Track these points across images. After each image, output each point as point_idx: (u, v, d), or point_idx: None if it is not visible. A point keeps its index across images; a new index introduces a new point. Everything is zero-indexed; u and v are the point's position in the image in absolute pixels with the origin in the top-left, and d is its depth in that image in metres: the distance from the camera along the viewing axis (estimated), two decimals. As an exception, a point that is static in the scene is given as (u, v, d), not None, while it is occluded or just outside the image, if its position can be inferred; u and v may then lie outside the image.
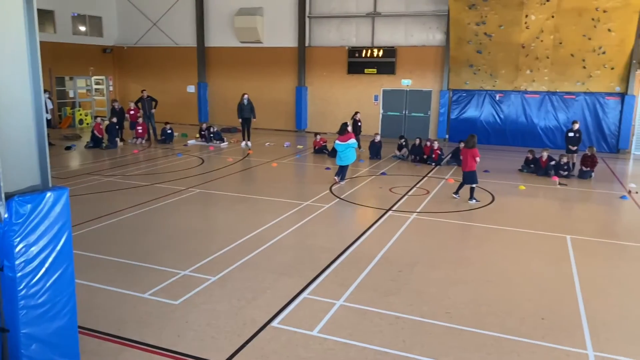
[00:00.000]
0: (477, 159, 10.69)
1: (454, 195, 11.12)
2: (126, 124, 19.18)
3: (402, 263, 7.19)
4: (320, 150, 16.95)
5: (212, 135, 18.86)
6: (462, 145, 15.09)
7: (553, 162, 13.88)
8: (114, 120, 17.76)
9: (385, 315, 5.61)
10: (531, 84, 19.37)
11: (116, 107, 18.53)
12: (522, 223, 9.38)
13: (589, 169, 13.75)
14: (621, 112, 18.36)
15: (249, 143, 18.42)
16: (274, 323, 5.37)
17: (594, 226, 9.58)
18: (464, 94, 20.41)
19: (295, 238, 8.26)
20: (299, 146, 18.71)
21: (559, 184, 12.80)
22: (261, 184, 12.58)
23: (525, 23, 18.72)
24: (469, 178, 10.80)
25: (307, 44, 22.81)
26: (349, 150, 12.17)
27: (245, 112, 18.30)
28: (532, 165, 14.30)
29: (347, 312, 5.66)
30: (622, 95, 18.28)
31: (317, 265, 6.98)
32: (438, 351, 4.89)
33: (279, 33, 23.11)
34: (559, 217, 10.34)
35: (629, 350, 4.98)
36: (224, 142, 18.80)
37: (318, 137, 17.42)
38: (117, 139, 17.66)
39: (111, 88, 26.10)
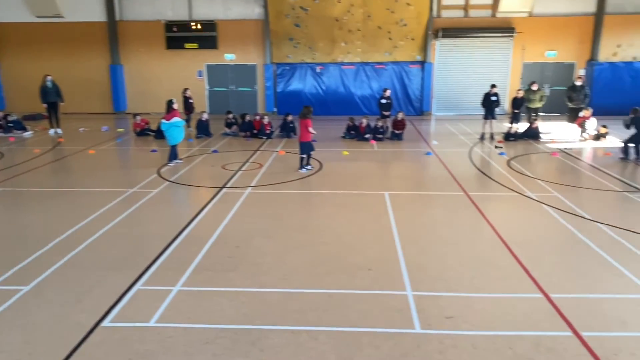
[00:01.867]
0: (310, 129, 11.05)
1: (307, 168, 11.37)
2: None
3: (239, 238, 7.19)
4: (143, 132, 15.92)
5: (10, 124, 16.38)
6: (289, 117, 15.58)
7: (368, 135, 15.10)
8: None
9: (224, 293, 5.57)
10: (347, 56, 20.67)
11: None
12: (348, 185, 10.09)
13: (400, 131, 15.31)
14: (422, 78, 20.71)
15: (59, 130, 16.46)
16: (105, 323, 4.95)
17: (407, 181, 10.76)
18: (288, 68, 20.93)
19: (122, 229, 7.67)
20: (119, 129, 17.32)
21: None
22: (78, 175, 11.36)
23: (337, -3, 19.81)
24: (304, 148, 11.17)
25: (117, 18, 20.96)
26: (173, 129, 11.63)
27: (50, 95, 16.26)
28: (352, 132, 15.40)
29: (186, 297, 5.49)
30: (422, 63, 20.59)
31: (150, 254, 6.60)
32: (277, 318, 5.03)
33: (82, 6, 20.82)
34: (378, 176, 11.36)
35: (436, 286, 5.74)
36: (27, 131, 16.48)
37: (138, 118, 16.31)
38: None
39: None
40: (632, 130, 12.05)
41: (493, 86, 15.14)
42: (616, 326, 4.84)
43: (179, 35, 20.82)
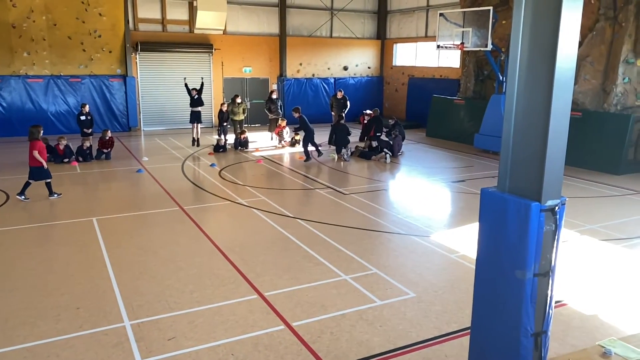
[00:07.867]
0: (35, 153, 9.60)
1: (20, 197, 9.67)
2: None
3: None
4: None
5: None
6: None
7: (67, 159, 13.55)
8: None
9: None
10: (32, 68, 18.06)
11: None
12: (47, 216, 8.82)
13: (107, 149, 14.21)
14: (126, 92, 19.72)
15: None
16: None
17: (117, 203, 10.04)
18: (-50, 81, 16.98)
19: None
20: None
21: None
22: None
23: (12, 1, 17.11)
24: (36, 174, 9.72)
25: None
26: None
27: None
28: (48, 155, 13.49)
29: None
30: (124, 77, 19.62)
31: None
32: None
33: None
34: (84, 201, 10.26)
35: (156, 309, 5.50)
36: None
37: None
38: None
39: None
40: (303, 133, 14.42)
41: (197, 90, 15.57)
42: (318, 311, 5.53)
43: None
